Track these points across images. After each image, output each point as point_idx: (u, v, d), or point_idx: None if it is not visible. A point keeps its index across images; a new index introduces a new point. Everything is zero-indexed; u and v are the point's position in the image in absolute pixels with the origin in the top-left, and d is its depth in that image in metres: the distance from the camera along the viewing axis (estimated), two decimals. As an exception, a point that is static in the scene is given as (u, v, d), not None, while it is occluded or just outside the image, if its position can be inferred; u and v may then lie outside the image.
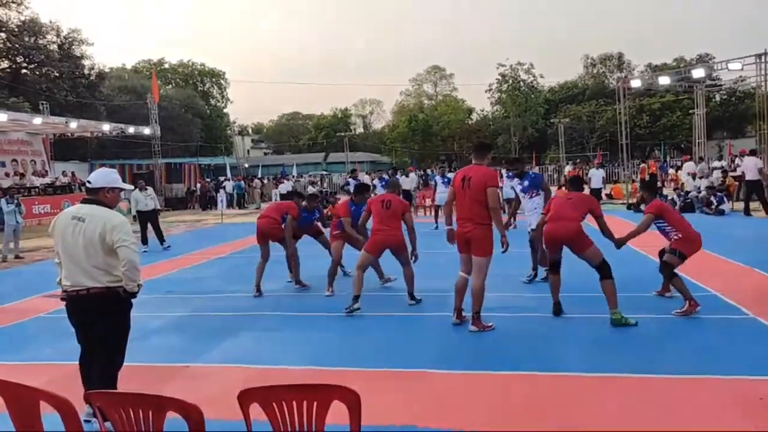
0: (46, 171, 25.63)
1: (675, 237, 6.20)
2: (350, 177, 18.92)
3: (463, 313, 6.02)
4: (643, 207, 7.07)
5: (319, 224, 8.84)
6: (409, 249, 7.07)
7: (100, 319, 3.81)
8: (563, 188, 23.93)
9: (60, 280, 3.93)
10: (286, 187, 30.56)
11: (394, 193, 7.31)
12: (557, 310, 6.17)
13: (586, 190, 12.62)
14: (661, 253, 6.52)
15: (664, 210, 6.32)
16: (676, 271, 6.17)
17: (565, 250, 6.17)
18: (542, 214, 6.77)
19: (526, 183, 8.17)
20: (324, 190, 32.97)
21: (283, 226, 8.01)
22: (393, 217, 6.94)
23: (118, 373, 3.93)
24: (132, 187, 4.49)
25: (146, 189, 13.38)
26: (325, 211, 8.76)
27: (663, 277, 6.51)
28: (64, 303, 3.92)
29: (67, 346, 4.77)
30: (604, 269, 5.77)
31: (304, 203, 8.48)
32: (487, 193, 5.61)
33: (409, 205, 7.32)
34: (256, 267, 8.04)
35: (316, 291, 8.05)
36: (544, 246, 6.75)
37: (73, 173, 26.43)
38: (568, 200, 6.25)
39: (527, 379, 4.54)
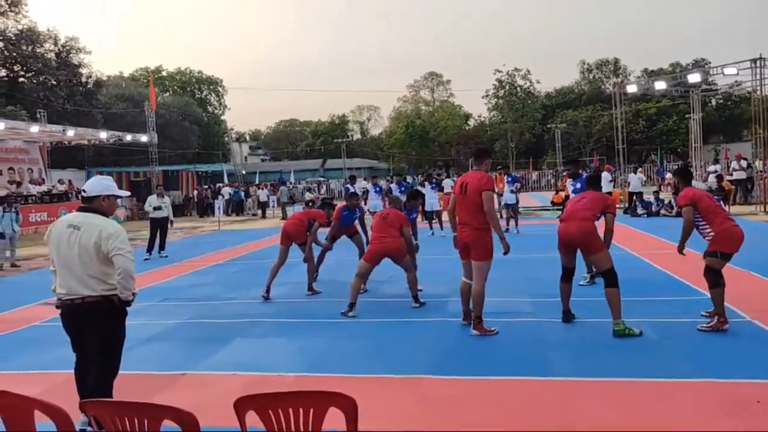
0: (43, 179, 25.60)
1: (709, 236, 5.59)
2: (348, 183, 18.95)
3: (471, 315, 6.02)
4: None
5: (357, 224, 9.09)
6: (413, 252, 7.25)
7: (95, 328, 3.79)
8: (559, 192, 23.97)
9: (55, 288, 3.92)
10: (263, 194, 30.01)
11: (396, 208, 7.50)
12: (567, 318, 6.09)
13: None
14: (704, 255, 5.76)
15: (698, 199, 5.64)
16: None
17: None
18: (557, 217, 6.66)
19: (578, 185, 8.04)
20: (321, 195, 32.85)
21: (308, 234, 8.17)
22: (390, 227, 7.04)
23: (114, 382, 3.91)
24: (128, 194, 4.58)
25: (163, 196, 13.46)
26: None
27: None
28: (59, 311, 3.91)
29: (62, 355, 4.76)
30: (610, 277, 5.61)
31: (345, 203, 8.95)
32: (483, 196, 5.66)
33: (407, 219, 7.39)
34: (271, 267, 8.12)
35: (314, 298, 8.05)
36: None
37: (70, 181, 26.39)
38: (581, 200, 6.13)
39: (523, 384, 4.53)
